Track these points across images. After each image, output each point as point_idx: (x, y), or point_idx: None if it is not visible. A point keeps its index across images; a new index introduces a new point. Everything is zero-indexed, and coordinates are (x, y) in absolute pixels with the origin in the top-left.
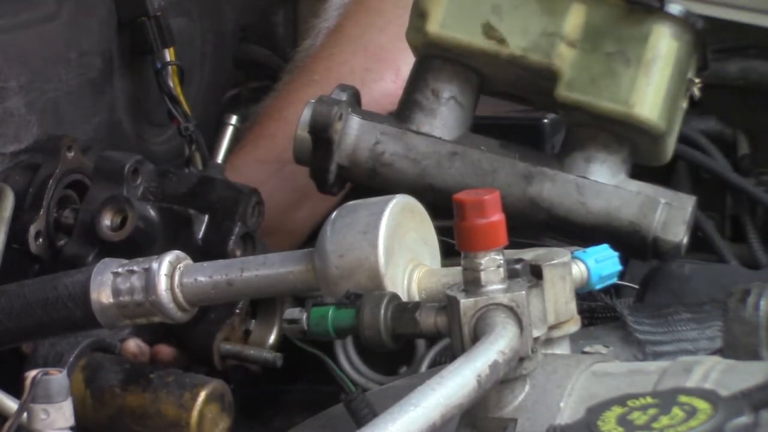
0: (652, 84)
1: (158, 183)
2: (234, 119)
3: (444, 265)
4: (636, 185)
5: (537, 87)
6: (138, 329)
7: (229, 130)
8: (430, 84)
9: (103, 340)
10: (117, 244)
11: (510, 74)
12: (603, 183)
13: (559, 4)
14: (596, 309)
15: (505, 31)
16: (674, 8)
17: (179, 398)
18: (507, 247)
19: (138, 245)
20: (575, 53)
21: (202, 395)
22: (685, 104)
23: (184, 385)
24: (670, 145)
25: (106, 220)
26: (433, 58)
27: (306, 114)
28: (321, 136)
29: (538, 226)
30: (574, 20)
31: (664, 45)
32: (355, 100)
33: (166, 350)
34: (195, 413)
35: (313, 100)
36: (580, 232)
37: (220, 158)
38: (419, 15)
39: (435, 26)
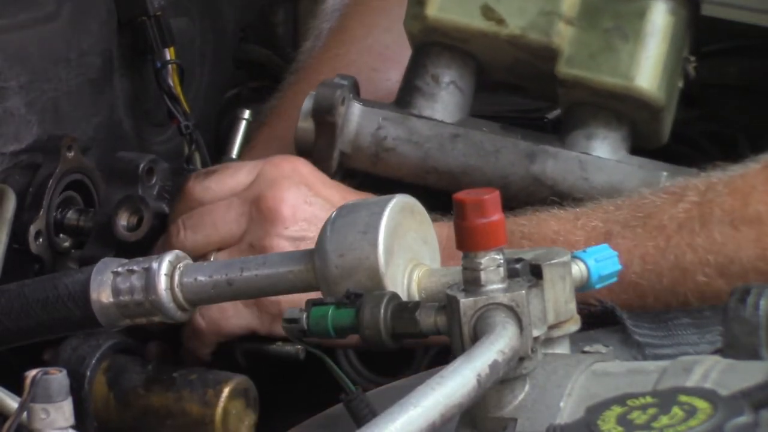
0: (650, 57)
1: (173, 181)
2: (247, 113)
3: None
4: (638, 160)
5: (535, 71)
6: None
7: (243, 125)
8: (430, 69)
9: (126, 341)
10: (134, 244)
11: (508, 57)
12: (605, 158)
13: None
14: (595, 314)
15: (503, 12)
16: None
17: (203, 396)
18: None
19: (155, 244)
20: (574, 30)
21: (226, 391)
22: (681, 83)
23: (207, 382)
24: (668, 124)
25: (122, 221)
26: (432, 44)
27: (307, 104)
28: (324, 119)
29: (541, 204)
30: None
31: (660, 20)
32: (355, 89)
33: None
34: (219, 410)
35: (313, 92)
36: None
37: (234, 153)
38: (417, 1)
39: (434, 10)
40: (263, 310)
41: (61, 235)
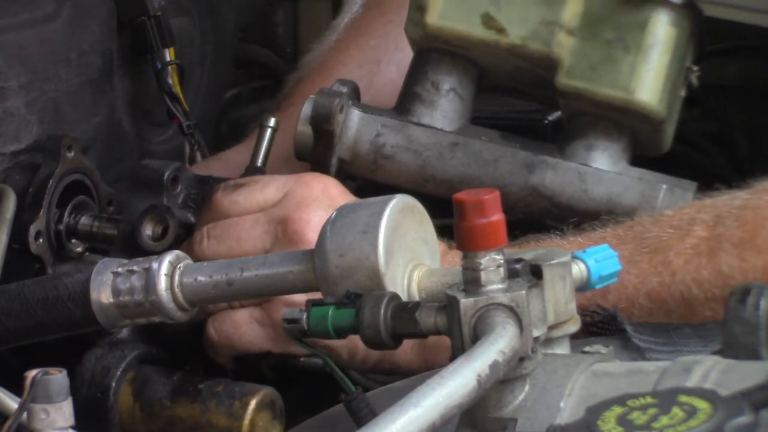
0: (651, 70)
1: (198, 190)
2: (272, 121)
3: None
4: (637, 172)
5: (536, 78)
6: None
7: (268, 133)
8: (430, 76)
9: (151, 351)
10: (159, 253)
11: (509, 65)
12: (604, 170)
13: None
14: (597, 322)
15: (504, 21)
16: None
17: (229, 407)
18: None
19: None
20: (574, 41)
21: (253, 403)
22: (683, 92)
23: (234, 393)
24: (669, 134)
25: (148, 230)
26: (432, 51)
27: (306, 109)
28: (322, 127)
29: (540, 215)
30: (572, 8)
31: (662, 31)
32: (355, 95)
33: None
34: (246, 422)
35: (313, 97)
36: (583, 220)
37: (259, 162)
38: (418, 8)
39: (434, 18)
40: (279, 331)
41: (74, 240)
